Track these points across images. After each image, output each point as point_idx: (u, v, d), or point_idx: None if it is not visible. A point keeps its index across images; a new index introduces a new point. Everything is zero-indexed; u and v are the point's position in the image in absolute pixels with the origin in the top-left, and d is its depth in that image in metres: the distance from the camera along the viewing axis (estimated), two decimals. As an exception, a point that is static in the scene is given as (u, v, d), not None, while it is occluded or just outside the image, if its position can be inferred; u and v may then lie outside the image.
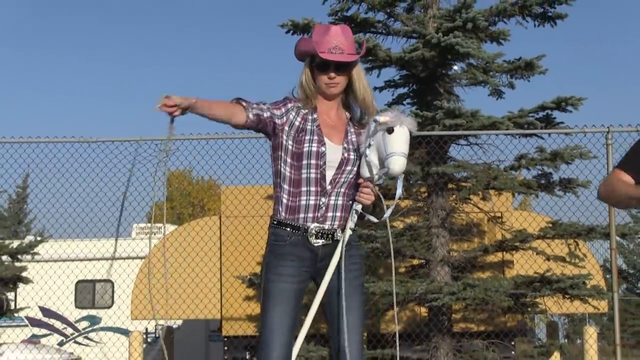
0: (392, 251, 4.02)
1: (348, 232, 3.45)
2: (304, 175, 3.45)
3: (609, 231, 7.91)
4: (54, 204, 8.83)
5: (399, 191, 3.44)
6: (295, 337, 3.50)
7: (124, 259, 13.37)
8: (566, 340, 18.08)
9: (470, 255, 8.62)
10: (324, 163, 3.45)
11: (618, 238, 8.26)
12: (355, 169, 3.49)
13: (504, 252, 8.75)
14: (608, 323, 16.47)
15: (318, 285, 3.51)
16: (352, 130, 3.55)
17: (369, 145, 3.37)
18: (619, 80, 51.26)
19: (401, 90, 8.97)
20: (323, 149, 3.45)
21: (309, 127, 3.48)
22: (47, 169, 8.45)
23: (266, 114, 3.44)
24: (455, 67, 8.66)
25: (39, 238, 10.11)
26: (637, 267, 24.32)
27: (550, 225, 8.46)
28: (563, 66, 45.73)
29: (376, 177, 3.39)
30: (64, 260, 12.93)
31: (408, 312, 8.88)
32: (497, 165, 8.42)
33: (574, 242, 8.50)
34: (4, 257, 9.48)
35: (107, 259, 13.67)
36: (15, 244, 9.78)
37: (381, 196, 3.47)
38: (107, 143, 8.38)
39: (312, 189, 3.45)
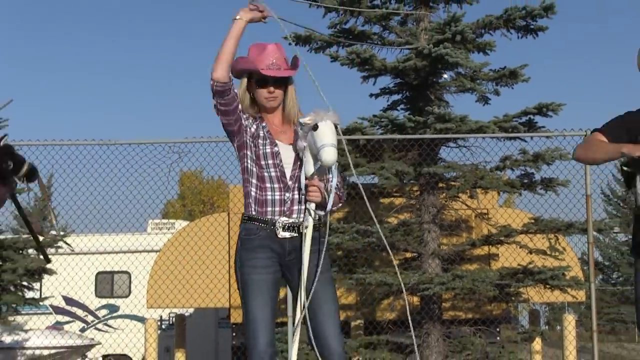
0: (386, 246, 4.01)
1: (309, 231, 3.41)
2: (266, 174, 3.46)
3: (587, 227, 7.92)
4: (76, 201, 8.85)
5: (335, 180, 3.41)
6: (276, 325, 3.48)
7: (140, 252, 13.37)
8: (547, 327, 18.13)
9: (459, 248, 8.62)
10: (280, 161, 3.46)
11: (595, 233, 8.26)
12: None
13: (490, 246, 8.75)
14: (585, 311, 16.49)
15: (287, 280, 3.50)
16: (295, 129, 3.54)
17: (303, 147, 3.39)
18: (596, 86, 51.28)
19: (395, 97, 8.98)
20: (276, 149, 3.46)
21: (260, 133, 3.48)
22: (69, 169, 8.47)
23: (237, 104, 3.45)
24: (445, 76, 8.66)
25: (62, 233, 10.08)
26: (612, 259, 24.33)
27: (533, 221, 8.46)
28: (544, 74, 45.70)
29: (316, 173, 3.40)
30: (85, 254, 12.96)
31: (401, 300, 8.87)
32: (483, 166, 8.43)
33: (554, 236, 8.51)
34: (30, 251, 9.47)
35: (124, 252, 13.67)
36: (41, 238, 9.76)
37: (325, 192, 3.42)
38: (125, 145, 8.40)
39: (276, 185, 3.45)
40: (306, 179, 3.43)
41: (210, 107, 3.45)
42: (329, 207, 3.43)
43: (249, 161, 3.48)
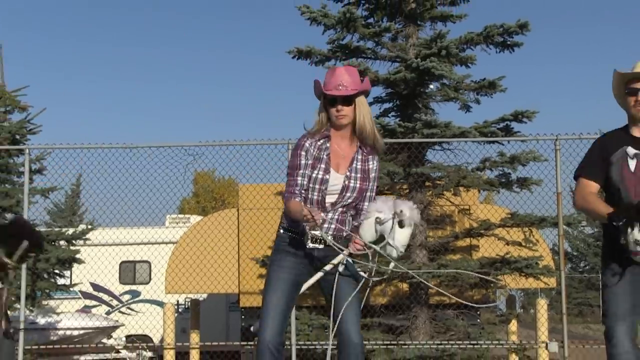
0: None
1: (336, 261, 3.40)
2: (310, 196, 3.44)
3: (557, 221, 7.89)
4: (102, 198, 8.86)
5: (391, 267, 3.42)
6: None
7: (159, 243, 13.36)
8: (522, 310, 18.12)
9: (444, 240, 8.62)
10: (326, 189, 3.43)
11: (565, 226, 8.24)
12: (354, 194, 3.47)
13: (471, 238, 8.73)
14: (556, 296, 16.47)
15: (319, 284, 3.51)
16: (360, 157, 3.50)
17: (381, 221, 3.32)
18: (566, 95, 51.30)
19: (387, 105, 8.97)
20: (327, 176, 3.43)
21: (322, 156, 3.45)
22: (96, 170, 8.45)
23: (305, 181, 3.44)
24: (432, 86, 8.65)
25: (89, 226, 10.07)
26: (580, 250, 24.33)
27: (509, 216, 8.45)
28: (520, 84, 45.72)
29: (372, 239, 3.36)
30: (110, 245, 12.93)
31: (392, 287, 8.85)
32: (465, 166, 8.40)
33: (529, 230, 8.49)
34: (62, 242, 9.45)
35: (145, 244, 13.64)
36: (70, 231, 9.75)
37: (370, 257, 3.43)
38: (145, 148, 8.37)
39: (315, 206, 3.42)
40: (359, 238, 3.38)
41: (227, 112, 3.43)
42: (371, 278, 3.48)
43: (304, 179, 3.45)
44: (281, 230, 3.50)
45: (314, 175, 3.43)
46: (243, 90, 55.04)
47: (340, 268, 3.44)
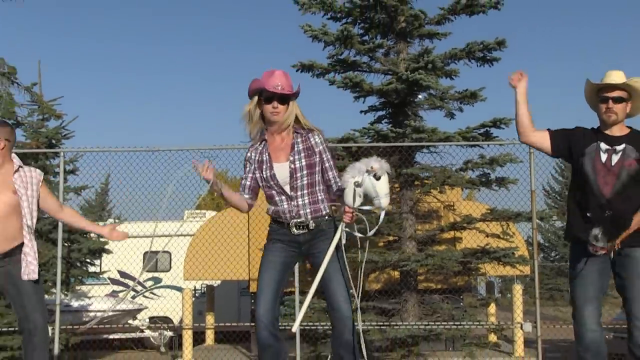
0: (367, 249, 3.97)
1: (335, 240, 3.40)
2: (273, 192, 3.50)
3: (531, 216, 7.88)
4: (128, 195, 8.83)
5: (382, 218, 3.45)
6: (283, 295, 3.58)
7: (178, 235, 13.35)
8: (500, 295, 18.08)
9: (431, 233, 8.60)
10: (278, 181, 3.46)
11: (537, 221, 8.21)
12: (305, 172, 3.45)
13: (455, 231, 8.71)
14: (530, 282, 16.46)
15: (310, 263, 3.54)
16: (300, 140, 3.50)
17: (360, 184, 3.31)
18: (538, 103, 51.21)
19: (380, 113, 8.94)
20: (273, 171, 3.47)
21: (263, 158, 3.50)
22: (122, 170, 8.44)
23: (254, 184, 3.58)
24: (420, 96, 8.64)
25: (117, 220, 10.05)
26: (551, 241, 24.31)
27: (489, 211, 8.43)
28: (498, 94, 45.57)
29: (358, 204, 3.35)
30: (135, 237, 12.88)
31: (385, 274, 8.84)
32: (450, 167, 8.39)
33: (506, 223, 8.48)
34: (92, 235, 9.44)
35: (166, 236, 13.63)
36: (100, 225, 9.73)
37: (364, 218, 3.44)
38: (166, 151, 8.37)
39: (283, 197, 3.48)
40: (346, 204, 3.37)
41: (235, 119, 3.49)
42: (370, 233, 3.48)
43: (263, 184, 3.54)
44: (271, 223, 3.57)
45: (263, 175, 3.49)
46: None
47: (343, 240, 3.44)
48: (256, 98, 3.50)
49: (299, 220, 3.44)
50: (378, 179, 3.30)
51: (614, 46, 49.51)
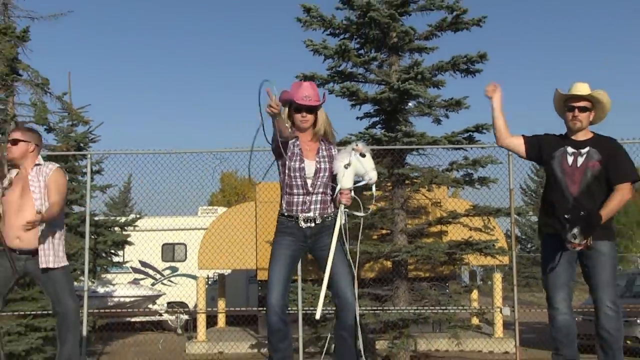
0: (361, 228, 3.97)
1: (339, 223, 3.43)
2: (293, 182, 3.44)
3: (510, 211, 7.88)
4: (148, 193, 8.81)
5: (374, 191, 3.54)
6: (292, 282, 3.55)
7: (193, 229, 13.37)
8: (481, 282, 18.06)
9: (420, 227, 8.59)
10: (304, 174, 3.43)
11: (515, 216, 8.21)
12: (326, 173, 3.47)
13: (442, 225, 8.70)
14: (508, 271, 16.42)
15: (313, 255, 3.52)
16: (324, 147, 3.53)
17: (349, 164, 3.37)
18: (516, 110, 51.18)
19: (374, 119, 8.91)
20: (302, 164, 3.44)
21: (295, 150, 3.47)
22: (143, 170, 8.41)
23: (289, 140, 3.47)
24: (410, 104, 8.61)
25: (138, 216, 10.06)
26: (527, 234, 24.32)
27: (472, 207, 8.43)
28: (480, 103, 45.62)
29: (352, 185, 3.39)
30: (154, 230, 12.92)
31: (379, 264, 8.84)
32: (437, 168, 8.37)
33: (487, 218, 8.46)
34: (116, 228, 9.45)
35: (182, 229, 13.65)
36: (123, 219, 9.74)
37: (358, 199, 3.49)
38: (182, 154, 8.35)
39: (301, 190, 3.43)
40: (341, 187, 3.40)
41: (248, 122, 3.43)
42: (369, 212, 3.55)
43: (283, 175, 3.48)
44: (280, 216, 3.52)
45: (293, 164, 3.44)
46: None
47: (343, 220, 3.45)
48: (287, 108, 3.49)
49: (308, 214, 3.43)
50: (363, 156, 3.38)
51: (579, 59, 49.53)
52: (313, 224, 3.45)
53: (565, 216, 3.46)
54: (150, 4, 53.02)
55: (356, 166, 3.38)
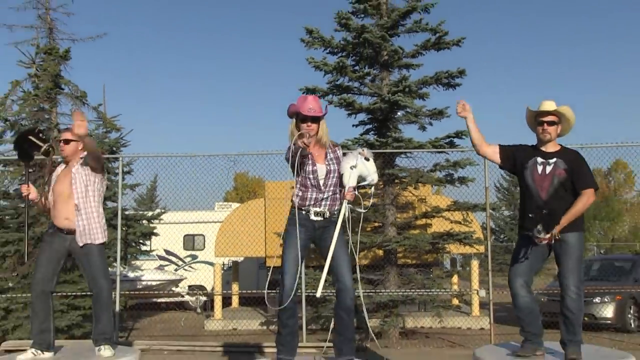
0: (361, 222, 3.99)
1: (341, 217, 3.44)
2: (309, 182, 3.45)
3: (485, 206, 7.90)
4: (171, 190, 8.86)
5: (372, 191, 3.56)
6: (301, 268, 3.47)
7: (210, 222, 13.38)
8: (461, 268, 18.07)
9: (408, 220, 8.61)
10: (317, 175, 3.45)
11: (490, 210, 8.22)
12: (336, 174, 3.49)
13: (426, 219, 8.73)
14: (484, 258, 16.45)
15: (318, 244, 3.51)
16: (330, 151, 3.54)
17: (355, 166, 3.40)
18: (491, 119, 51.17)
19: (368, 126, 8.94)
20: (315, 168, 3.45)
21: (308, 158, 3.47)
22: (168, 171, 8.48)
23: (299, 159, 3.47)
24: (399, 113, 8.65)
25: (162, 210, 10.08)
26: (500, 227, 24.29)
27: (453, 203, 8.45)
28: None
29: (355, 184, 3.40)
30: (177, 223, 12.93)
31: (372, 252, 8.86)
32: (422, 169, 8.40)
33: (466, 213, 8.48)
34: (144, 221, 9.47)
35: (201, 222, 13.66)
36: (149, 214, 9.77)
37: (359, 196, 3.50)
38: (201, 157, 8.37)
39: (314, 189, 3.45)
40: (344, 185, 3.44)
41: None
42: (368, 207, 3.51)
43: (303, 174, 3.48)
44: (294, 209, 3.51)
45: (307, 168, 3.45)
46: (268, 113, 54.99)
47: (347, 213, 3.45)
48: (294, 120, 3.51)
49: (318, 209, 3.44)
50: (367, 160, 3.43)
51: (548, 78, 49.47)
52: (322, 218, 3.46)
53: (530, 215, 3.53)
54: (175, 28, 52.98)
55: (361, 168, 3.41)
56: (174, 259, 13.99)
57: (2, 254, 8.19)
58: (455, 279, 9.95)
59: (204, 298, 12.76)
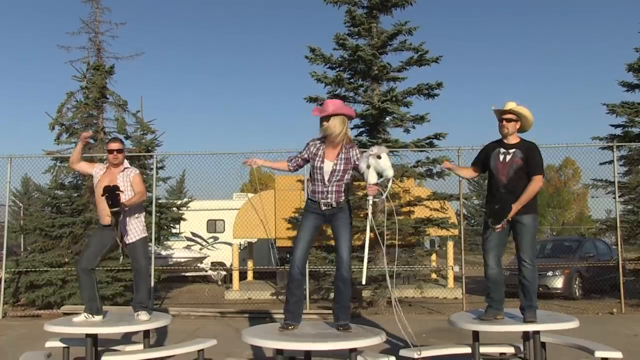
0: (387, 212, 4.01)
1: (370, 208, 3.35)
2: (316, 176, 3.42)
3: (459, 196, 7.94)
4: (197, 182, 8.92)
5: (389, 185, 3.37)
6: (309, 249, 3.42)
7: (229, 209, 13.41)
8: (438, 248, 18.12)
9: (394, 208, 8.64)
10: (323, 172, 3.40)
11: (463, 200, 8.27)
12: (340, 173, 3.38)
13: (410, 207, 8.77)
14: (458, 239, 16.52)
15: (331, 226, 3.43)
16: (343, 151, 3.42)
17: (368, 166, 3.28)
18: (464, 122, 51.00)
19: (361, 129, 8.93)
20: (322, 164, 3.39)
21: (319, 152, 3.43)
22: (194, 166, 8.53)
23: (300, 161, 3.52)
24: (387, 119, 8.66)
25: (189, 199, 10.14)
26: (472, 213, 24.35)
27: (432, 193, 8.48)
28: (439, 118, 45.31)
29: (376, 180, 3.30)
30: (201, 210, 12.98)
31: (364, 235, 8.88)
32: (407, 165, 8.43)
33: (443, 202, 8.52)
34: (174, 209, 9.51)
35: (221, 209, 13.70)
36: (179, 202, 9.82)
37: (381, 190, 3.38)
38: (222, 154, 8.40)
39: (320, 183, 3.40)
40: (368, 183, 3.31)
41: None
42: (383, 197, 3.38)
43: (311, 169, 3.46)
44: (307, 199, 3.51)
45: (315, 163, 3.40)
46: (278, 118, 54.88)
47: (371, 204, 3.37)
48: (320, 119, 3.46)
49: (326, 200, 3.37)
50: (379, 158, 3.25)
51: (516, 80, 49.26)
52: (330, 207, 3.40)
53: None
54: (199, 48, 52.71)
55: (375, 166, 3.28)
56: (199, 240, 14.05)
57: (59, 234, 8.32)
58: (433, 257, 10.00)
59: (224, 272, 12.83)
